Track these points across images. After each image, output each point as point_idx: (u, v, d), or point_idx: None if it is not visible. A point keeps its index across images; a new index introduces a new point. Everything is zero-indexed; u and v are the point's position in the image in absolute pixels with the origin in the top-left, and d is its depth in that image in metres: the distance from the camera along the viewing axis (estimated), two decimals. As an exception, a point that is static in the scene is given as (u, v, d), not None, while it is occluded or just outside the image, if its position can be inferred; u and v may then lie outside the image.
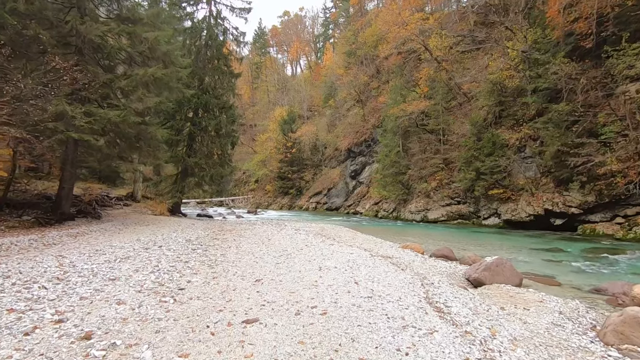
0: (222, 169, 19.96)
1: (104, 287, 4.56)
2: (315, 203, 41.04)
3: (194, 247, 8.39)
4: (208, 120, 19.63)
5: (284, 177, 45.28)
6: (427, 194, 24.75)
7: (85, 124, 9.72)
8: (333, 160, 44.01)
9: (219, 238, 10.43)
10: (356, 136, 40.02)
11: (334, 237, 11.73)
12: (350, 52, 46.64)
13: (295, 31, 79.47)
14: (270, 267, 6.23)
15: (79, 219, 13.01)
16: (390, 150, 27.84)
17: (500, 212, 19.77)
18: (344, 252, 7.99)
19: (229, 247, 8.68)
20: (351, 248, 8.80)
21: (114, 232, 10.33)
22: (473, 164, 20.80)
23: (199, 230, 12.11)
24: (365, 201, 34.53)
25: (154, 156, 13.32)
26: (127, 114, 10.68)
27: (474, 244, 13.34)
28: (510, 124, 20.51)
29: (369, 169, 37.55)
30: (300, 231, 13.11)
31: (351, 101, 44.92)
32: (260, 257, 7.19)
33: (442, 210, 23.52)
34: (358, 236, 12.65)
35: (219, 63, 20.61)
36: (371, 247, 9.68)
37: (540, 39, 18.93)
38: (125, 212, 16.52)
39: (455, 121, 26.17)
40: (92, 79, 10.83)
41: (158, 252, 7.30)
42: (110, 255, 6.61)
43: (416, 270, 6.50)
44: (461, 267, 7.69)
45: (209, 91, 20.03)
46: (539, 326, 4.02)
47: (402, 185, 26.52)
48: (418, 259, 8.07)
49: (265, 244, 9.25)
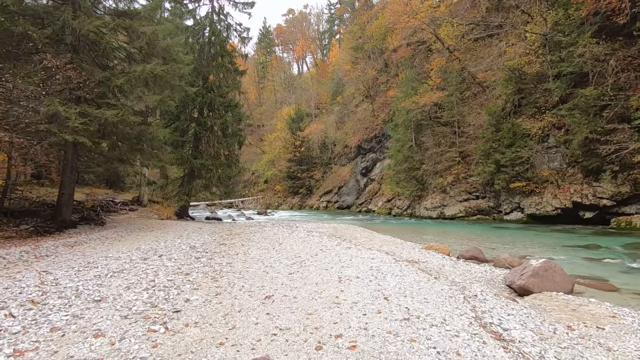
0: (229, 169, 19.25)
1: (84, 312, 3.80)
2: (326, 202, 40.23)
3: (198, 255, 7.63)
4: (213, 119, 18.94)
5: (294, 176, 44.54)
6: (443, 190, 23.69)
7: (80, 125, 9.06)
8: (343, 157, 43.11)
9: (227, 243, 9.68)
10: (366, 132, 39.06)
11: (349, 238, 10.88)
12: (357, 47, 45.58)
13: (300, 29, 78.56)
14: (282, 279, 5.42)
15: (81, 226, 12.42)
16: (403, 145, 26.84)
17: (524, 206, 18.64)
18: (364, 257, 7.14)
19: (237, 253, 7.91)
20: (371, 252, 7.93)
21: (115, 240, 9.66)
22: (492, 156, 19.70)
23: (205, 235, 11.39)
24: (377, 198, 33.60)
25: (157, 158, 12.64)
26: (125, 113, 9.99)
27: (500, 242, 12.33)
28: (531, 113, 19.32)
29: (380, 165, 36.58)
30: (313, 233, 12.30)
31: (359, 97, 43.94)
32: (271, 266, 6.39)
33: (459, 205, 22.46)
34: (375, 237, 11.77)
35: (223, 60, 19.89)
36: (392, 249, 8.80)
37: (562, 20, 17.72)
38: (131, 217, 15.94)
39: (471, 112, 25.01)
40: (88, 78, 10.17)
41: (157, 262, 6.55)
42: (103, 268, 5.88)
43: (451, 278, 5.62)
44: (498, 271, 6.77)
45: (214, 89, 19.32)
46: (628, 354, 3.12)
47: (416, 181, 25.50)
48: (447, 263, 7.16)
49: (276, 249, 8.45)
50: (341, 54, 54.81)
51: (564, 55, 17.27)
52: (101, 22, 10.24)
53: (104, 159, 11.65)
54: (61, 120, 8.96)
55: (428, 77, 28.39)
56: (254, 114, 69.38)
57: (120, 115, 9.99)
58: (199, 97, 18.61)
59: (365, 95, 41.65)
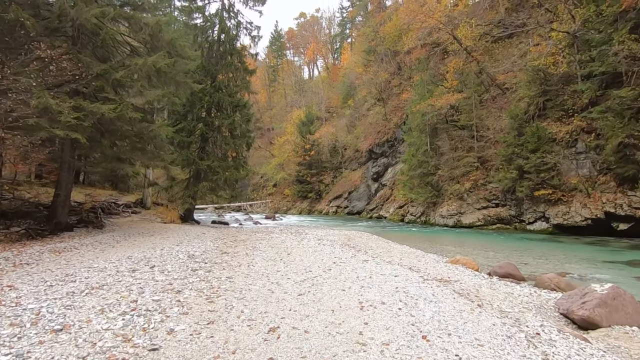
0: (236, 172, 18.44)
1: (33, 350, 2.91)
2: (335, 207, 39.21)
3: (196, 265, 6.74)
4: (221, 119, 18.21)
5: (303, 180, 43.65)
6: (460, 196, 22.50)
7: (74, 120, 8.31)
8: (353, 162, 42.11)
9: (229, 252, 8.79)
10: (378, 136, 38.04)
11: (365, 248, 9.89)
12: (369, 50, 44.72)
13: (312, 32, 78.20)
14: (291, 301, 4.48)
15: (78, 230, 11.68)
16: (417, 150, 25.74)
17: (549, 216, 17.38)
18: (385, 273, 6.15)
19: (239, 265, 7.00)
20: (391, 266, 6.94)
21: (109, 245, 8.86)
22: (514, 161, 18.52)
23: (208, 242, 10.53)
24: (389, 204, 32.48)
25: (160, 158, 11.87)
26: (123, 108, 9.23)
27: (530, 255, 11.19)
28: (557, 116, 18.12)
29: (392, 170, 35.48)
30: (324, 241, 11.34)
31: (371, 100, 42.94)
32: (277, 283, 5.46)
33: (477, 213, 21.24)
34: (392, 247, 10.76)
35: (232, 59, 19.18)
36: (414, 263, 7.79)
37: (592, 17, 16.56)
38: (133, 220, 15.21)
39: (489, 116, 23.86)
40: (85, 70, 9.47)
41: (147, 275, 5.68)
42: (81, 283, 5.03)
43: (496, 305, 4.61)
44: (545, 295, 5.72)
45: (222, 89, 18.60)
46: None
47: (431, 187, 24.35)
48: (483, 283, 6.14)
49: (284, 260, 7.52)
50: (353, 56, 54.02)
51: (595, 54, 16.11)
52: (100, 11, 9.53)
53: (102, 158, 10.88)
54: (53, 115, 8.23)
55: (444, 79, 27.32)
56: (264, 117, 68.97)
57: (119, 110, 9.23)
58: (206, 96, 17.90)
59: (378, 99, 40.68)
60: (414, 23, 26.82)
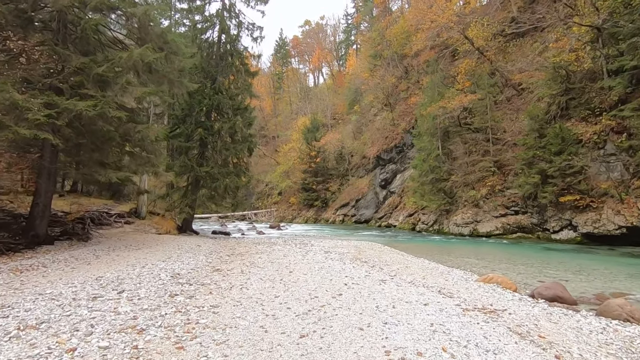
0: (237, 179, 17.31)
1: None
2: (342, 215, 37.87)
3: (177, 289, 5.53)
4: (221, 123, 17.17)
5: (309, 188, 42.43)
6: (475, 203, 21.09)
7: (44, 118, 7.24)
8: (360, 169, 40.86)
9: (223, 269, 7.56)
10: (385, 142, 36.83)
11: (379, 263, 8.60)
12: (375, 54, 43.81)
13: (317, 40, 77.76)
14: (289, 349, 3.23)
15: (60, 243, 10.56)
16: (428, 155, 24.44)
17: (577, 224, 15.90)
18: (410, 299, 4.88)
19: (230, 287, 5.77)
20: (415, 288, 5.67)
21: (84, 262, 7.69)
22: (536, 165, 17.15)
23: (201, 256, 9.33)
24: (398, 212, 31.09)
25: (150, 163, 10.76)
26: (104, 106, 8.16)
27: (567, 270, 9.77)
28: (583, 115, 16.75)
29: (401, 177, 34.18)
30: (332, 254, 10.07)
31: (378, 105, 41.87)
32: (273, 315, 4.22)
33: (495, 222, 19.80)
34: (410, 261, 9.45)
35: (232, 60, 18.22)
36: (441, 283, 6.49)
37: (620, 8, 15.31)
38: (125, 231, 14.08)
39: (505, 118, 22.56)
40: (63, 64, 8.45)
41: (109, 305, 4.48)
42: (15, 319, 3.84)
43: (577, 355, 3.31)
44: (623, 329, 4.39)
45: (222, 91, 17.61)
46: None
47: (444, 194, 22.99)
48: (537, 313, 4.83)
49: (284, 280, 6.27)
50: (359, 62, 53.23)
51: (624, 47, 14.82)
52: None
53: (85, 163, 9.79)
54: (19, 112, 7.17)
55: (455, 81, 26.13)
56: (269, 125, 68.33)
57: (99, 108, 8.15)
58: (205, 99, 16.92)
59: (385, 104, 39.58)
60: (423, 23, 25.76)
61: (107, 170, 9.17)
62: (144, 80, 10.11)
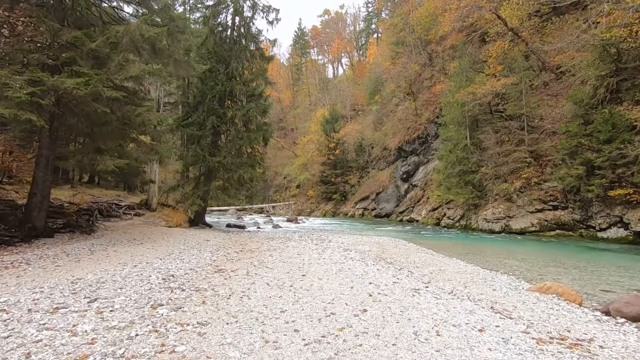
0: (251, 169, 16.36)
1: None
2: (362, 209, 36.58)
3: (164, 297, 4.55)
4: (234, 110, 16.22)
5: (327, 181, 41.27)
6: (508, 197, 19.38)
7: (26, 96, 6.40)
8: (381, 161, 39.35)
9: (227, 269, 6.57)
10: (407, 133, 35.14)
11: (406, 264, 7.40)
12: (397, 41, 41.87)
13: (336, 30, 76.01)
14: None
15: (60, 235, 9.89)
16: (455, 145, 22.77)
17: (628, 221, 14.11)
18: (458, 321, 3.69)
19: (230, 295, 4.74)
20: (459, 302, 4.46)
21: (73, 259, 6.86)
22: (581, 155, 15.36)
23: (206, 253, 8.39)
24: (420, 207, 29.58)
25: (154, 151, 9.89)
26: (96, 84, 7.26)
27: (634, 276, 8.25)
28: (638, 98, 14.80)
29: (424, 169, 32.54)
30: (351, 252, 8.94)
31: (400, 94, 40.02)
32: (275, 343, 3.14)
33: (530, 217, 18.09)
34: (442, 263, 8.19)
35: (246, 43, 17.19)
36: (489, 294, 5.24)
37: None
38: (133, 224, 13.41)
39: (542, 104, 20.60)
40: (52, 38, 7.60)
41: (69, 321, 3.52)
42: None
43: None
44: None
45: (236, 77, 16.64)
46: None
47: (472, 187, 21.36)
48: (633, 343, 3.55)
49: (295, 287, 5.19)
50: (380, 50, 51.35)
51: (691, 18, 12.82)
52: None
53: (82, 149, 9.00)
54: (0, 89, 6.35)
55: (485, 66, 24.20)
56: (287, 117, 67.44)
57: (91, 87, 7.26)
58: (218, 85, 15.98)
59: (407, 93, 37.74)
60: (450, 2, 23.90)
61: (104, 158, 8.31)
62: (147, 60, 9.21)
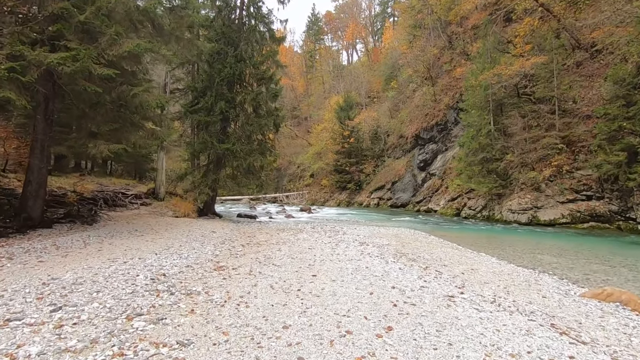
0: (262, 157, 15.59)
1: None
2: (377, 199, 35.57)
3: (148, 302, 3.80)
4: (244, 95, 15.38)
5: (341, 170, 40.30)
6: (535, 187, 18.06)
7: (4, 72, 5.71)
8: (397, 149, 38.06)
9: (228, 266, 5.81)
10: (425, 119, 33.71)
11: (432, 263, 6.48)
12: (415, 24, 40.09)
13: (351, 14, 73.73)
14: None
15: (60, 226, 9.38)
16: (478, 131, 21.42)
17: (676, 213, 12.76)
18: (516, 348, 2.80)
19: (224, 302, 3.96)
20: (509, 315, 3.55)
21: (59, 254, 6.22)
22: (621, 140, 13.97)
23: (209, 246, 7.67)
24: (438, 196, 28.40)
25: (154, 136, 9.18)
26: (84, 59, 6.52)
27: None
28: (690, 76, 13.26)
29: (443, 157, 31.18)
30: (368, 247, 8.07)
31: (417, 80, 38.39)
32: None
33: (561, 208, 16.78)
34: (473, 260, 7.23)
35: (256, 23, 16.24)
36: (539, 302, 4.30)
37: None
38: (139, 213, 12.88)
39: (574, 85, 19.00)
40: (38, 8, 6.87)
41: (15, 339, 2.80)
42: None
43: None
44: None
45: (245, 59, 15.77)
46: None
47: (496, 175, 20.08)
48: None
49: (303, 292, 4.37)
50: (396, 34, 49.43)
51: None
52: None
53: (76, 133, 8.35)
54: (-27, 64, 5.68)
55: (511, 46, 22.58)
56: (301, 106, 66.40)
57: (79, 63, 6.52)
58: (226, 68, 15.15)
59: (425, 78, 36.13)
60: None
61: (97, 142, 7.62)
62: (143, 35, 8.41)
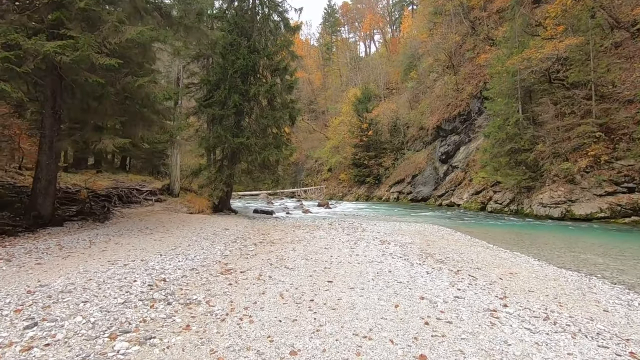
0: (277, 151, 15.08)
1: None
2: (397, 193, 34.62)
3: (139, 315, 3.32)
4: (257, 87, 14.88)
5: (360, 163, 39.47)
6: (570, 179, 16.81)
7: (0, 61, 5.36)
8: (417, 141, 36.90)
9: (235, 269, 5.31)
10: (447, 110, 32.40)
11: (463, 265, 5.77)
12: (435, 11, 38.53)
13: (368, 4, 72.11)
14: None
15: (71, 224, 9.15)
16: (505, 120, 20.19)
17: None
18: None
19: (225, 316, 3.43)
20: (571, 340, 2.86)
21: (60, 255, 5.88)
22: (670, 126, 12.64)
23: (219, 246, 7.20)
24: (462, 190, 27.24)
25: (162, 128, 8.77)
26: (84, 48, 6.11)
27: None
28: None
29: (466, 149, 29.90)
30: (391, 246, 7.41)
31: (438, 69, 36.98)
32: None
33: (598, 201, 15.54)
34: (509, 262, 6.46)
35: (269, 12, 15.66)
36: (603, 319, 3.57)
37: None
38: (153, 210, 12.63)
39: (613, 68, 17.50)
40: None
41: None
42: None
43: None
44: None
45: (258, 50, 15.24)
46: None
47: (525, 167, 18.88)
48: None
49: (317, 303, 3.79)
50: (416, 23, 47.81)
51: None
52: None
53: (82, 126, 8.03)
54: (-34, 54, 5.34)
55: (541, 28, 21.10)
56: (318, 100, 65.66)
57: (79, 53, 6.11)
58: (239, 59, 14.67)
59: (446, 66, 34.72)
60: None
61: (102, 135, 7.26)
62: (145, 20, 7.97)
